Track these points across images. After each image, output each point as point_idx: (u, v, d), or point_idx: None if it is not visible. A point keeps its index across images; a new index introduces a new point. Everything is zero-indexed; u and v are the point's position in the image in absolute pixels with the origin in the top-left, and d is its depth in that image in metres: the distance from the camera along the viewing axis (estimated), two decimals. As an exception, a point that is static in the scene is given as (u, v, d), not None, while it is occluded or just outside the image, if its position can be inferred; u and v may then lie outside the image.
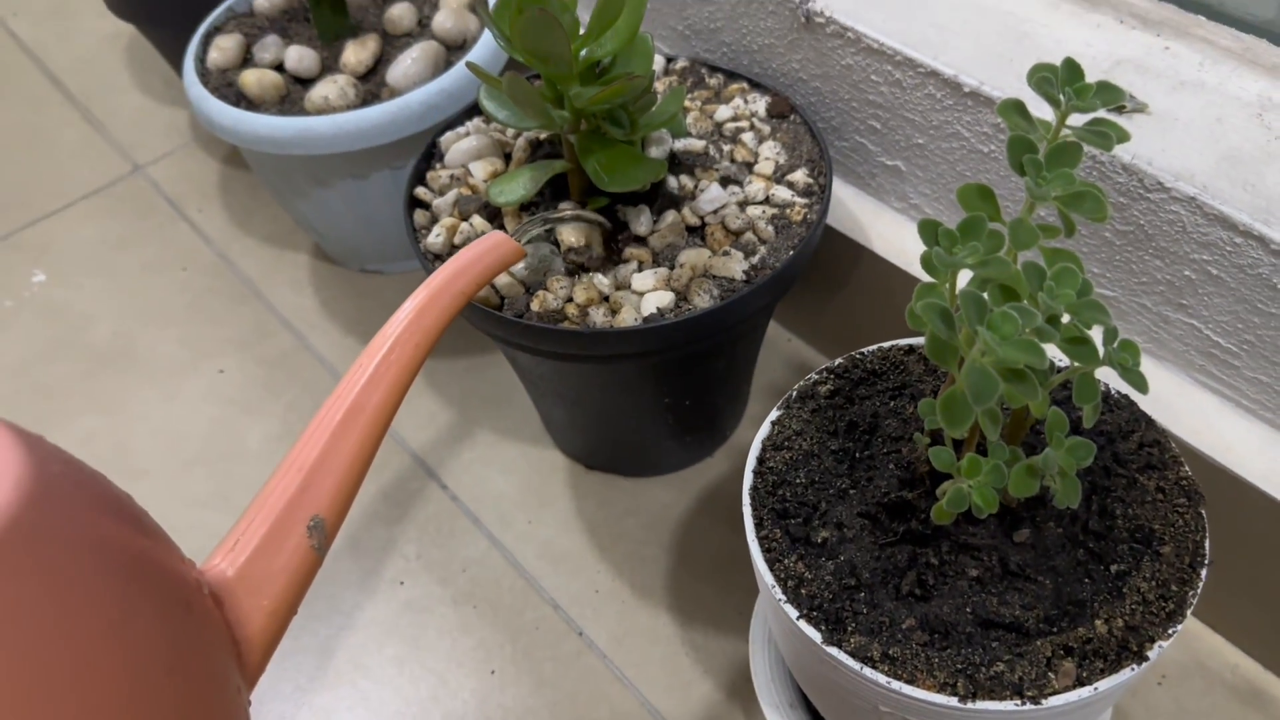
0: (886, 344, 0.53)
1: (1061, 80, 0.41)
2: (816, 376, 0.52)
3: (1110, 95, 0.40)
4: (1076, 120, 0.42)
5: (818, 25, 0.61)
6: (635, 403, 0.63)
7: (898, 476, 0.47)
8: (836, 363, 0.52)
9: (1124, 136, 0.41)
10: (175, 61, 0.98)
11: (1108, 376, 0.49)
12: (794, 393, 0.51)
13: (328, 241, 0.84)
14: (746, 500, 0.47)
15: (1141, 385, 0.40)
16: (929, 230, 0.41)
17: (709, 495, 0.69)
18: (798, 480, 0.48)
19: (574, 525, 0.68)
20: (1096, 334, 0.40)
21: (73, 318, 0.86)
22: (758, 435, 0.50)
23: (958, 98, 0.57)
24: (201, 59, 0.78)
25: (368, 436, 0.41)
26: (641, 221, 0.58)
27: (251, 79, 0.73)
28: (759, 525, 0.47)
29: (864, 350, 0.53)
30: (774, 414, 0.51)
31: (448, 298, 0.45)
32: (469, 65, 0.55)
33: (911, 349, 0.52)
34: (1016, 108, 0.41)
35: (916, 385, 0.51)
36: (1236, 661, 0.59)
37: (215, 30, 0.80)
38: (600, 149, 0.55)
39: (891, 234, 0.65)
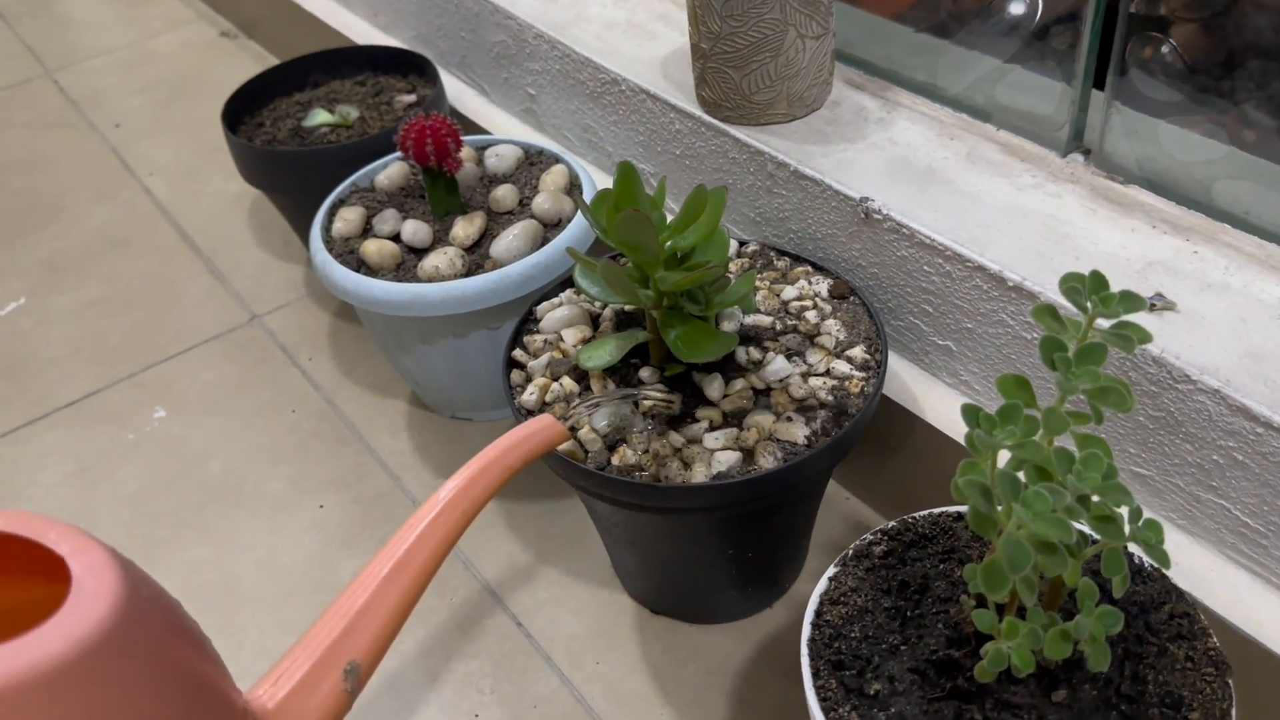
0: (937, 510, 0.58)
1: (1088, 289, 0.47)
2: (871, 538, 0.57)
3: (1132, 303, 0.47)
4: (1105, 322, 0.48)
5: (876, 221, 0.69)
6: (701, 553, 0.68)
7: (946, 635, 0.52)
8: (890, 525, 0.57)
9: (1145, 338, 0.46)
10: (296, 222, 1.10)
11: (1140, 550, 0.53)
12: (850, 551, 0.56)
13: (425, 391, 0.92)
14: (805, 651, 0.52)
15: (1164, 561, 0.44)
16: (971, 414, 0.46)
17: (768, 645, 0.73)
18: (852, 634, 0.52)
19: (639, 668, 0.73)
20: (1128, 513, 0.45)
21: (189, 453, 0.94)
22: (816, 589, 0.55)
23: (1002, 290, 0.63)
24: (327, 228, 0.88)
25: (409, 590, 0.45)
26: (714, 387, 0.64)
27: (372, 249, 0.83)
28: (816, 675, 0.51)
29: (916, 515, 0.58)
30: (831, 570, 0.56)
31: (496, 471, 0.50)
32: (569, 251, 0.63)
33: (960, 516, 0.57)
34: (1050, 311, 0.47)
35: (964, 550, 0.56)
36: (1282, 837, 0.60)
37: (340, 203, 0.91)
38: (679, 324, 0.62)
39: (943, 406, 0.70)
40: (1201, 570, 0.59)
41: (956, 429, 0.69)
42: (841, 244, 0.73)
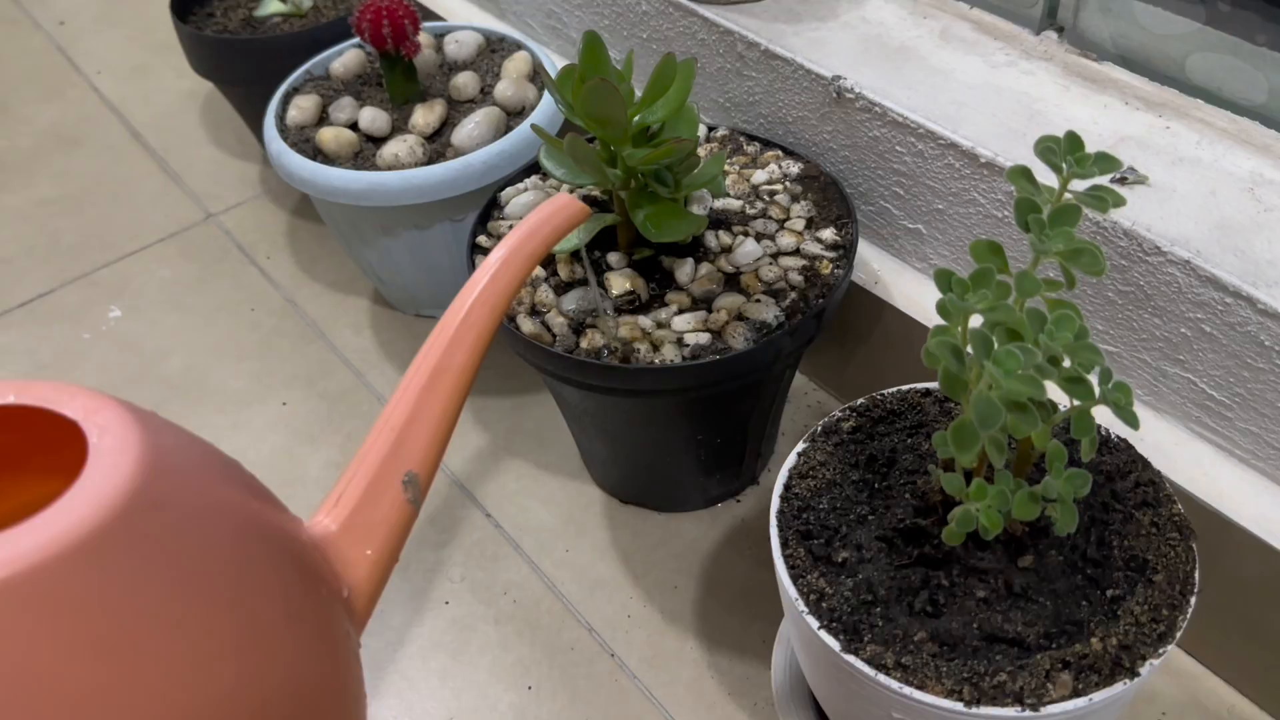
0: (905, 387, 0.58)
1: (1064, 150, 0.46)
2: (840, 414, 0.57)
3: (1107, 164, 0.46)
4: (1078, 186, 0.47)
5: (848, 101, 0.68)
6: (670, 438, 0.68)
7: (913, 505, 0.52)
8: (859, 402, 0.57)
9: (1119, 201, 0.46)
10: (250, 117, 1.06)
11: (1107, 421, 0.54)
12: (819, 427, 0.56)
13: (388, 288, 0.91)
14: (774, 521, 0.52)
15: (1133, 421, 0.45)
16: (944, 278, 0.46)
17: (736, 531, 0.74)
18: (821, 506, 0.53)
19: (609, 554, 0.73)
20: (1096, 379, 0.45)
21: (148, 351, 0.92)
22: (784, 465, 0.55)
23: (974, 168, 0.62)
24: (281, 117, 0.85)
25: (453, 395, 0.44)
26: (683, 271, 0.63)
27: (329, 136, 0.80)
28: (784, 544, 0.51)
29: (884, 392, 0.57)
30: (800, 446, 0.55)
31: (520, 259, 0.47)
32: (534, 128, 0.61)
33: (928, 392, 0.57)
34: (1024, 173, 0.47)
35: (932, 424, 0.56)
36: (1233, 702, 0.62)
37: (294, 91, 0.88)
38: (648, 204, 0.61)
39: (913, 292, 0.70)
40: (1166, 445, 0.59)
41: (926, 315, 0.69)
42: (812, 127, 0.72)
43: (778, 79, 0.72)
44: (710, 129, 0.75)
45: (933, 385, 0.58)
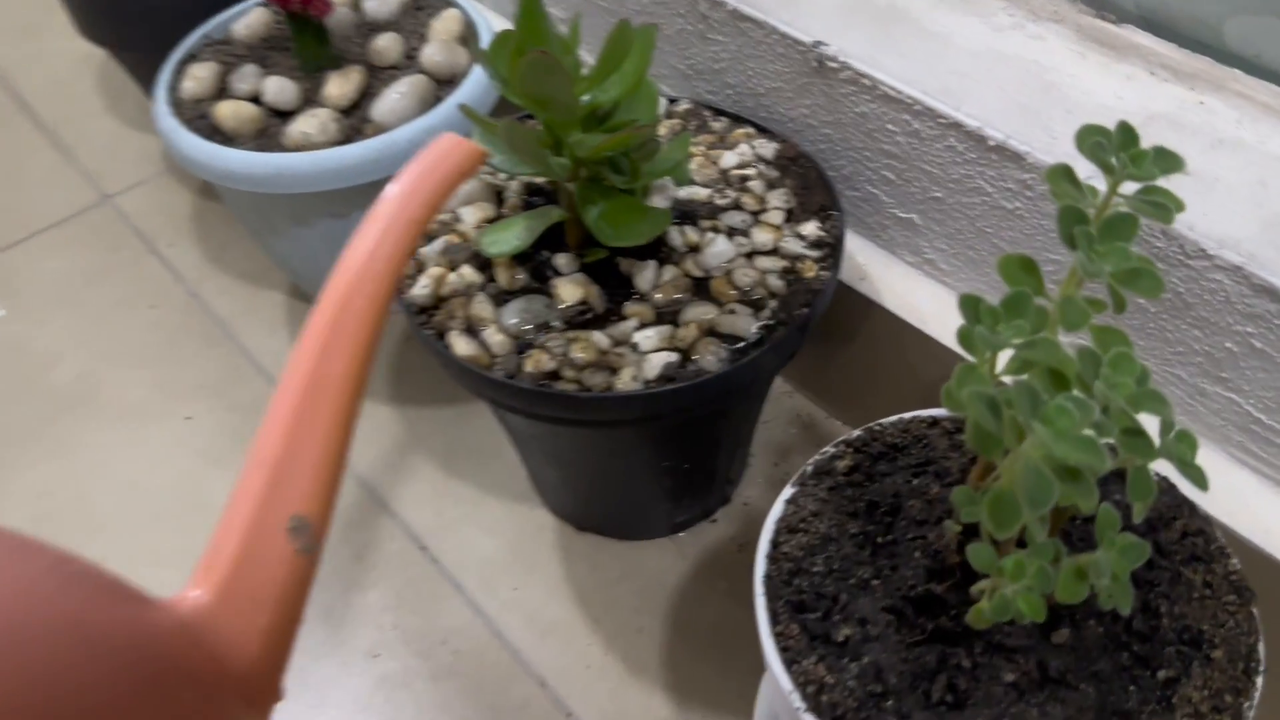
0: (908, 415, 0.49)
1: (1116, 144, 0.37)
2: (833, 450, 0.48)
3: (1168, 162, 0.37)
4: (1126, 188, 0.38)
5: (830, 70, 0.58)
6: (631, 466, 0.59)
7: (925, 566, 0.44)
8: (854, 435, 0.48)
9: (1180, 206, 0.37)
10: (149, 87, 0.94)
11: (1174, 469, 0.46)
12: (809, 468, 0.47)
13: (305, 281, 0.80)
14: (760, 590, 0.43)
15: (1201, 482, 0.36)
16: (971, 306, 0.37)
17: (708, 561, 0.65)
18: (815, 568, 0.44)
19: (563, 592, 0.64)
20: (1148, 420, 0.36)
21: (35, 357, 0.81)
22: (770, 515, 0.46)
23: (980, 151, 0.53)
24: (174, 88, 0.74)
25: (338, 412, 0.36)
26: (644, 276, 0.54)
27: (227, 111, 0.69)
28: (774, 619, 0.43)
29: (883, 422, 0.49)
30: (788, 492, 0.47)
31: (400, 229, 0.38)
32: (463, 109, 0.51)
33: (935, 421, 0.49)
34: (1066, 174, 0.38)
35: (941, 461, 0.47)
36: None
37: (190, 58, 0.76)
38: (601, 199, 0.52)
39: (903, 289, 0.61)
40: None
41: (917, 315, 0.60)
42: (789, 100, 0.62)
43: (748, 44, 0.62)
44: (671, 101, 0.65)
45: (939, 413, 0.49)
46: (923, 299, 0.61)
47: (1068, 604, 0.41)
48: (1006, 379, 0.38)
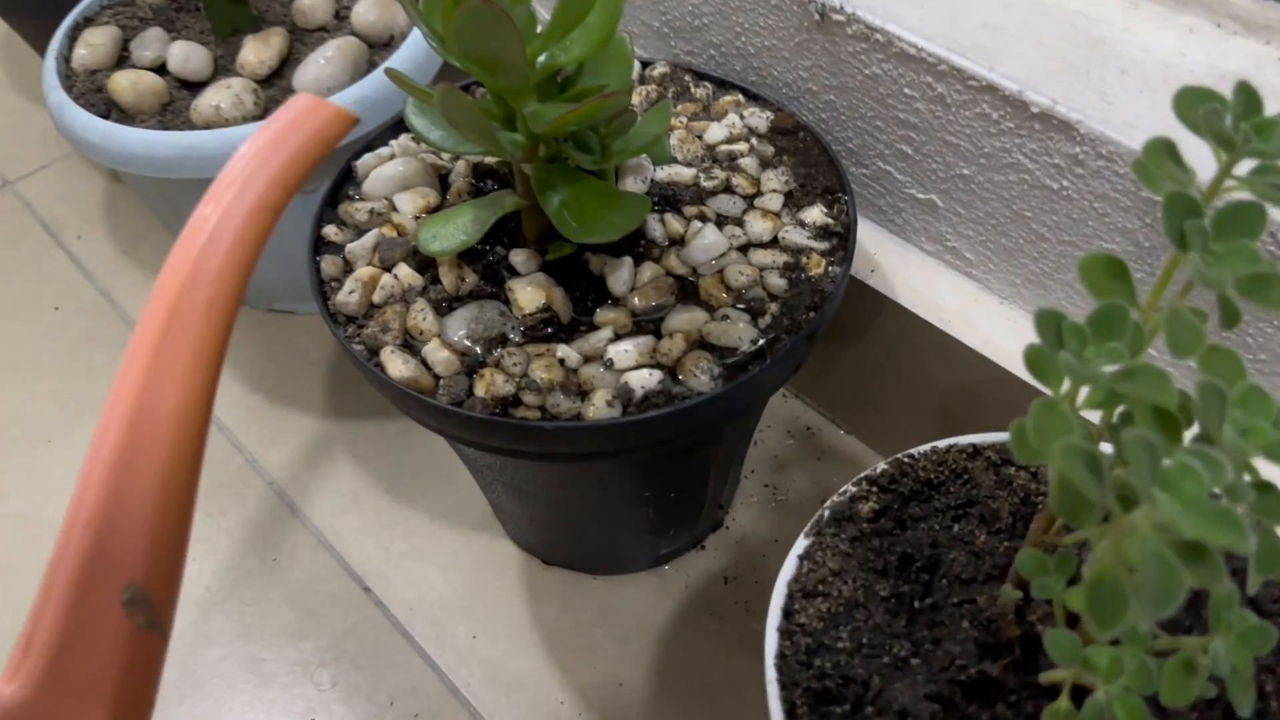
0: (942, 444, 0.40)
1: (1235, 113, 0.28)
2: (855, 490, 0.39)
3: (1305, 133, 0.28)
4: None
5: (835, 25, 0.49)
6: (608, 499, 0.50)
7: (975, 639, 0.35)
8: (879, 470, 0.40)
9: (1316, 189, 0.29)
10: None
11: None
12: (826, 513, 0.39)
13: (229, 277, 0.70)
14: (772, 675, 0.35)
15: (1354, 550, 0.28)
16: (1050, 325, 0.28)
17: (697, 597, 0.56)
18: (840, 644, 0.35)
19: (530, 639, 0.55)
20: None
21: (-84, 369, 0.71)
22: (781, 575, 0.37)
23: (1021, 120, 0.44)
24: (66, 58, 0.63)
25: (173, 457, 0.29)
26: (619, 277, 0.45)
27: (124, 83, 0.59)
28: (790, 713, 0.34)
29: (914, 453, 0.40)
30: (801, 544, 0.38)
31: (244, 217, 0.31)
32: (389, 72, 0.41)
33: (975, 451, 0.40)
34: (1168, 151, 0.29)
35: (987, 503, 0.39)
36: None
37: (85, 22, 0.66)
38: (565, 184, 0.42)
39: (920, 281, 0.53)
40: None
41: (937, 311, 0.51)
42: (784, 61, 0.53)
43: (734, -4, 0.53)
44: (644, 65, 0.56)
45: (981, 440, 0.40)
46: (944, 293, 0.52)
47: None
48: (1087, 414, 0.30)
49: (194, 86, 0.61)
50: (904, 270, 0.53)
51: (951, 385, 0.53)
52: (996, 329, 0.50)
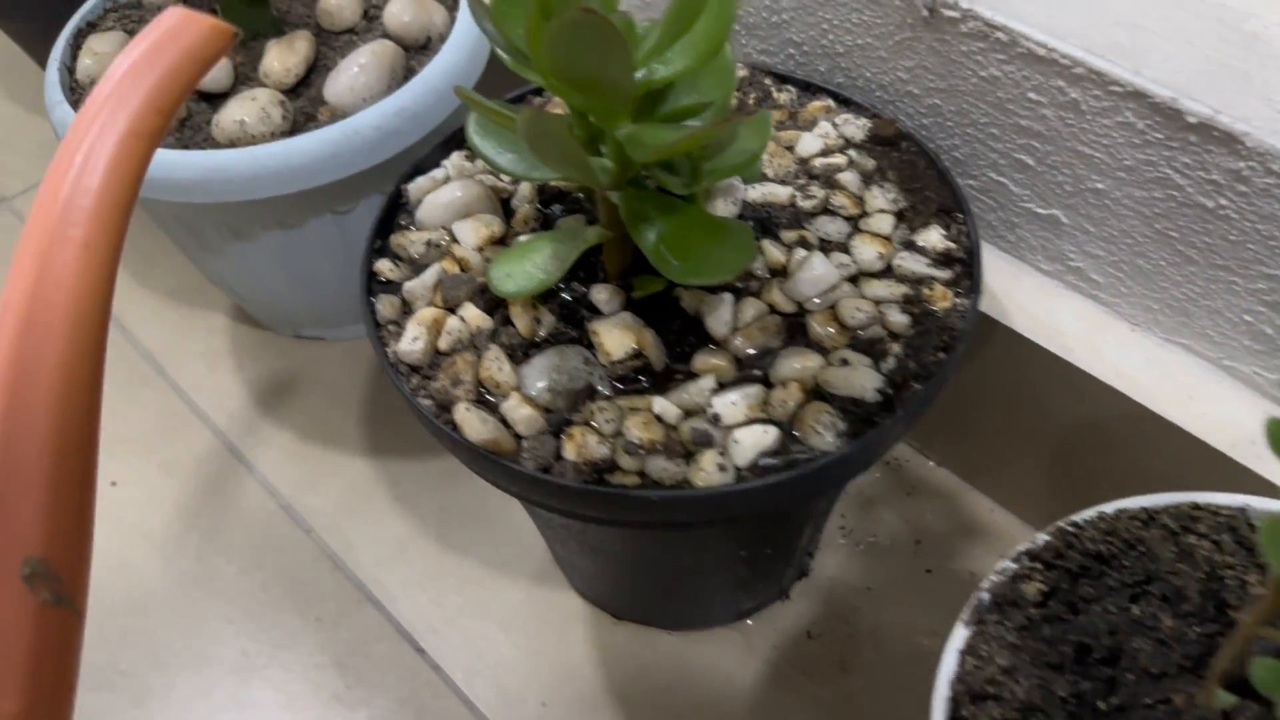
0: (1109, 509, 0.35)
1: None
2: (1016, 568, 0.34)
3: None
4: None
5: (947, 22, 0.43)
6: (699, 560, 0.45)
7: (1179, 750, 0.30)
8: (1040, 542, 0.35)
9: None
10: (40, 56, 0.77)
11: None
12: (985, 597, 0.34)
13: (251, 303, 0.65)
14: (945, 800, 0.30)
15: None
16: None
17: (786, 655, 0.51)
18: (1021, 759, 0.30)
19: (606, 706, 0.50)
20: None
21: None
22: (941, 673, 0.32)
23: (1173, 130, 0.39)
24: (70, 68, 0.58)
25: (62, 419, 0.27)
26: (719, 316, 0.39)
27: (135, 97, 0.53)
28: None
29: (1078, 521, 0.35)
30: (961, 635, 0.33)
31: (118, 142, 0.28)
32: (461, 93, 0.36)
33: (1150, 517, 0.35)
34: None
35: (1169, 579, 0.34)
36: None
37: (89, 27, 0.60)
38: (660, 214, 0.37)
39: (1036, 304, 0.47)
40: None
41: (1057, 339, 0.46)
42: (879, 61, 0.47)
43: (823, -11, 0.47)
44: (716, 68, 0.50)
45: (1152, 502, 0.35)
46: (1065, 319, 0.47)
47: None
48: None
49: (213, 99, 0.55)
50: (1017, 292, 0.48)
51: (1070, 419, 0.48)
52: (1129, 359, 0.45)
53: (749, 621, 0.53)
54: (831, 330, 0.39)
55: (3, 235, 0.75)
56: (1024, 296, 0.48)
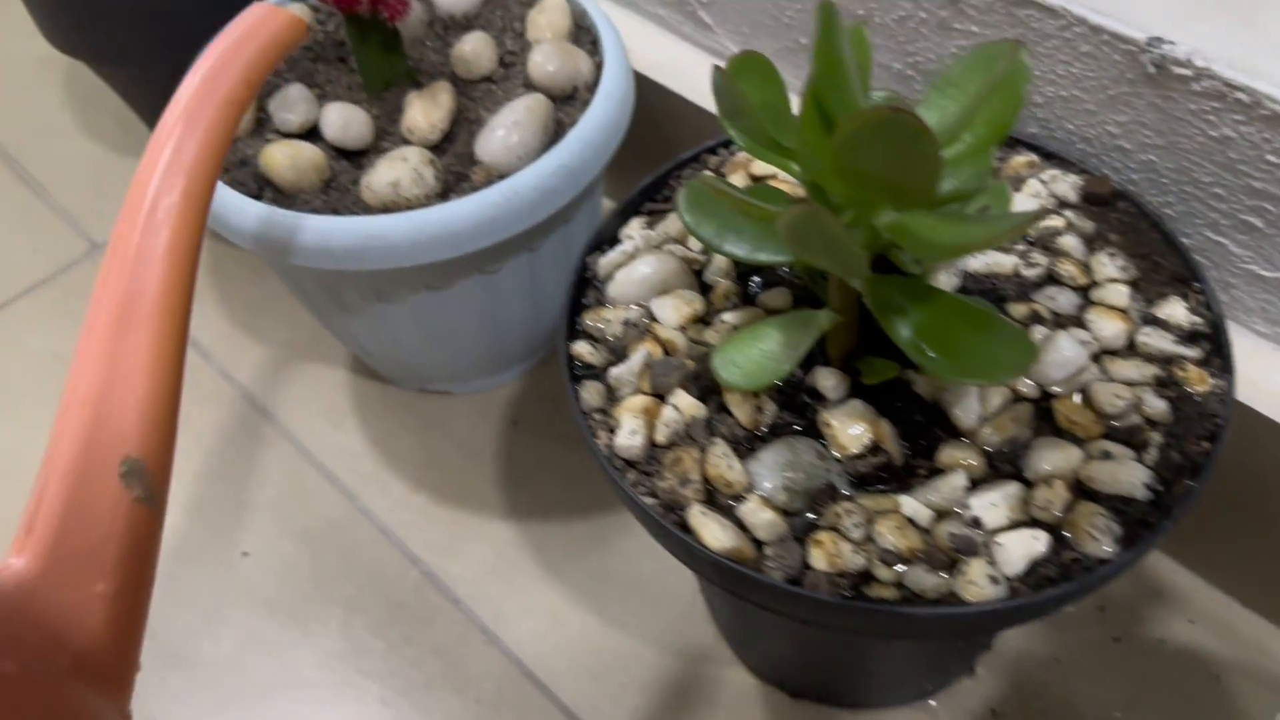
0: None
1: None
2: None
3: None
4: None
5: (1177, 79, 0.41)
6: (897, 647, 0.43)
7: None
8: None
9: None
10: (138, 102, 0.75)
11: None
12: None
13: (380, 360, 0.62)
14: None
15: None
16: None
17: (975, 733, 0.49)
18: None
19: (792, 793, 0.48)
20: None
21: (23, 474, 0.62)
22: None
23: None
24: (196, 123, 0.55)
25: (160, 335, 0.32)
26: (969, 405, 0.37)
27: (281, 158, 0.50)
28: None
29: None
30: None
31: (208, 118, 0.35)
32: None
33: None
34: None
35: None
36: None
37: (209, 78, 0.57)
38: (913, 303, 0.34)
39: (1256, 372, 0.45)
40: None
41: (1276, 404, 0.43)
42: (1086, 114, 0.45)
43: (1025, 37, 0.44)
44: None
45: None
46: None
47: None
48: None
49: (352, 155, 0.52)
50: (1250, 367, 0.45)
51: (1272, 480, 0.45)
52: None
53: (932, 701, 0.50)
54: (1083, 418, 0.37)
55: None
56: (1257, 373, 0.45)
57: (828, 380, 0.38)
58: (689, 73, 0.59)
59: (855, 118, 0.27)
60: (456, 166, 0.51)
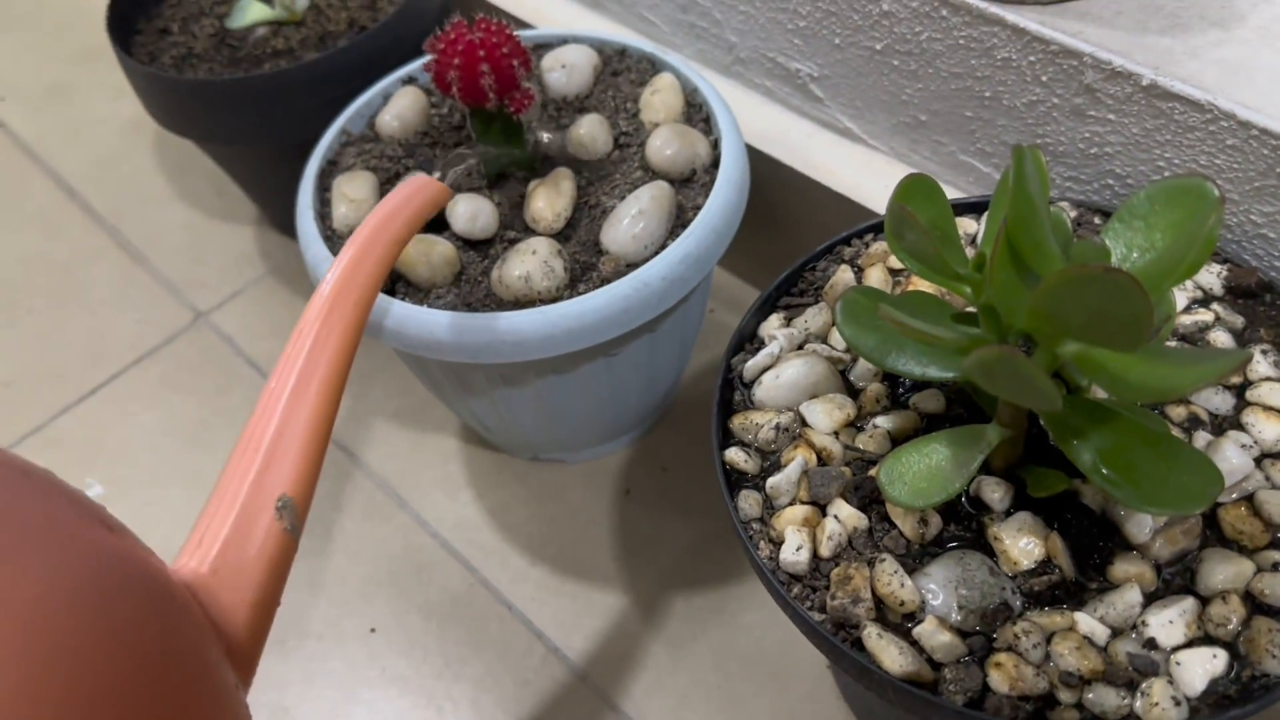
0: None
1: None
2: None
3: None
4: None
5: (1330, 171, 0.41)
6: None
7: None
8: None
9: None
10: (240, 174, 0.76)
11: None
12: None
13: (496, 433, 0.63)
14: None
15: None
16: None
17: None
18: None
19: None
20: None
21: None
22: None
23: None
24: (323, 216, 0.56)
25: (322, 403, 0.39)
26: (1141, 518, 0.37)
27: (417, 256, 0.51)
28: None
29: None
30: None
31: (380, 248, 0.43)
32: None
33: None
34: None
35: None
36: None
37: (331, 165, 0.58)
38: (1095, 427, 0.34)
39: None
40: None
41: None
42: (1230, 204, 0.45)
43: (1165, 128, 0.44)
44: (1028, 204, 0.47)
45: None
46: None
47: None
48: None
49: (478, 245, 0.53)
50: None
51: None
52: None
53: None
54: (1249, 527, 0.37)
55: (207, 359, 0.73)
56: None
57: (994, 492, 0.38)
58: (800, 145, 0.59)
59: (1064, 273, 0.28)
60: (583, 255, 0.52)
